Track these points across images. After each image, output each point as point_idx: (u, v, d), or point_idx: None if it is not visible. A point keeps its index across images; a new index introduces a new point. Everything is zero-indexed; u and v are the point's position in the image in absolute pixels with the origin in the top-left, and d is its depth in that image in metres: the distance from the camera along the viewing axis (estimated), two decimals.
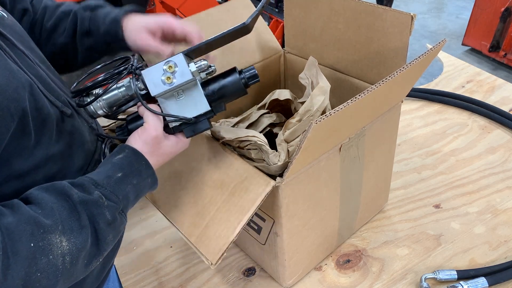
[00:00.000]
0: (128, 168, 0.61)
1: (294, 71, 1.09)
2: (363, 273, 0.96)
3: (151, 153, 0.64)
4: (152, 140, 0.64)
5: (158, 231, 1.11)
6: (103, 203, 0.56)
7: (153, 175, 0.65)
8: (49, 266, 0.50)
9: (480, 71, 1.59)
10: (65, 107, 0.63)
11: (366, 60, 0.91)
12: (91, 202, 0.55)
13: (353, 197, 0.94)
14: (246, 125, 0.94)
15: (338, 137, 0.77)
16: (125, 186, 0.60)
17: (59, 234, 0.51)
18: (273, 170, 0.75)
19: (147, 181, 0.63)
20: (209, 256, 0.71)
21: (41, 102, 0.58)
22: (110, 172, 0.60)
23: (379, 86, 0.66)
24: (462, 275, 0.91)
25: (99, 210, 0.56)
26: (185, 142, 0.70)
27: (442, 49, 0.80)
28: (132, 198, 0.62)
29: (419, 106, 1.46)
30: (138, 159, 0.62)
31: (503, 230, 1.02)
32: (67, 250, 0.52)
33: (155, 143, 0.64)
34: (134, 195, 0.62)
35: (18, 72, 0.55)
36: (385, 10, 0.82)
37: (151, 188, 0.66)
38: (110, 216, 0.57)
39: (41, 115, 0.57)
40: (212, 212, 0.74)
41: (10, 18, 0.65)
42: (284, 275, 0.91)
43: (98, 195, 0.57)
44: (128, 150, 0.63)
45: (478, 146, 1.27)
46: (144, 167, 0.63)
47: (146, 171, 0.63)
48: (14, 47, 0.59)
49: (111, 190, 0.58)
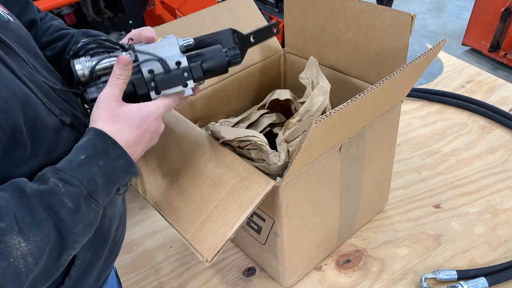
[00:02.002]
0: (92, 149, 0.56)
1: (294, 71, 1.09)
2: (363, 273, 0.96)
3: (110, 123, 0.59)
4: (103, 103, 0.59)
5: (158, 231, 1.11)
6: (59, 191, 0.52)
7: (125, 155, 0.58)
8: (10, 269, 0.47)
9: (480, 71, 1.59)
10: (64, 115, 0.61)
11: (366, 60, 0.91)
12: (46, 192, 0.51)
13: (353, 197, 0.94)
14: (246, 125, 0.94)
15: (338, 137, 0.77)
16: (89, 168, 0.55)
17: (16, 234, 0.48)
18: (273, 170, 0.75)
19: (118, 162, 0.58)
20: (205, 252, 0.70)
21: (38, 111, 0.56)
22: (73, 156, 0.56)
23: (379, 86, 0.66)
24: (462, 275, 0.91)
25: (56, 199, 0.51)
26: (151, 108, 0.61)
27: (442, 49, 0.80)
28: (101, 181, 0.56)
29: (419, 106, 1.46)
30: (103, 139, 0.57)
31: (503, 230, 1.02)
32: (27, 251, 0.48)
33: (107, 106, 0.59)
34: (103, 177, 0.56)
35: (11, 82, 0.53)
36: (385, 10, 0.82)
37: (127, 171, 0.59)
38: (72, 203, 0.52)
39: (37, 126, 0.55)
40: (209, 209, 0.74)
41: (16, 23, 0.64)
42: (284, 275, 0.91)
43: (53, 182, 0.52)
44: (92, 131, 0.58)
45: (478, 146, 1.27)
46: (111, 147, 0.57)
47: (114, 151, 0.57)
48: (14, 54, 0.58)
49: (72, 174, 0.53)
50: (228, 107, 1.04)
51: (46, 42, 0.77)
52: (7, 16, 0.63)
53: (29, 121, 0.54)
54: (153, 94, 0.63)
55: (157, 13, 2.63)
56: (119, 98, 0.61)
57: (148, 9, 2.64)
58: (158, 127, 0.63)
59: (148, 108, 0.61)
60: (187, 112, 0.93)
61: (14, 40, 0.59)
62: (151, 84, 0.63)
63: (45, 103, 0.58)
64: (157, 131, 0.63)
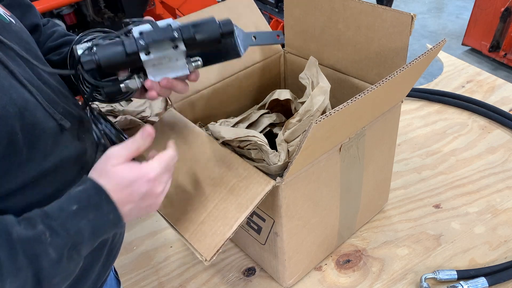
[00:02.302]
0: (85, 202, 0.55)
1: (294, 71, 1.09)
2: (363, 273, 0.96)
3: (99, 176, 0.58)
4: (106, 157, 0.59)
5: (158, 231, 1.11)
6: (45, 240, 0.51)
7: (115, 210, 0.57)
8: None
9: (480, 71, 1.59)
10: (64, 119, 0.60)
11: (366, 60, 0.91)
12: (32, 240, 0.50)
13: (353, 197, 0.94)
14: (246, 125, 0.94)
15: (338, 137, 0.77)
16: (79, 220, 0.54)
17: None
18: (273, 170, 0.75)
19: (107, 217, 0.57)
20: (204, 252, 0.70)
21: (37, 116, 0.55)
22: (65, 204, 0.55)
23: (379, 86, 0.66)
24: (462, 275, 0.91)
25: (41, 248, 0.50)
26: (144, 169, 0.59)
27: (442, 49, 0.80)
28: (87, 234, 0.55)
29: (419, 106, 1.46)
30: (98, 193, 0.56)
31: (503, 230, 1.02)
32: None
33: (106, 161, 0.59)
34: (90, 231, 0.55)
35: (10, 88, 0.53)
36: (385, 10, 0.82)
37: (114, 226, 0.59)
38: (55, 254, 0.51)
39: (35, 131, 0.55)
40: (209, 209, 0.74)
41: (18, 25, 0.64)
42: (284, 275, 0.91)
43: (41, 230, 0.51)
44: (89, 182, 0.57)
45: (478, 146, 1.27)
46: (104, 202, 0.56)
47: (107, 206, 0.57)
48: (15, 56, 0.57)
49: (61, 224, 0.53)
50: (228, 107, 1.03)
51: (51, 47, 0.77)
52: (9, 18, 0.62)
53: (27, 127, 0.53)
54: (143, 55, 0.62)
55: (157, 13, 2.63)
56: (121, 159, 0.59)
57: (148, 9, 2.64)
58: (151, 189, 0.60)
59: (140, 170, 0.59)
60: (187, 112, 0.93)
61: (16, 42, 0.59)
62: (139, 42, 0.61)
63: (45, 107, 0.57)
64: (151, 193, 0.60)
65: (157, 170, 0.60)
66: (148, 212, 0.63)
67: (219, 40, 0.65)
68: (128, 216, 0.60)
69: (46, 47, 0.77)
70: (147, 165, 0.60)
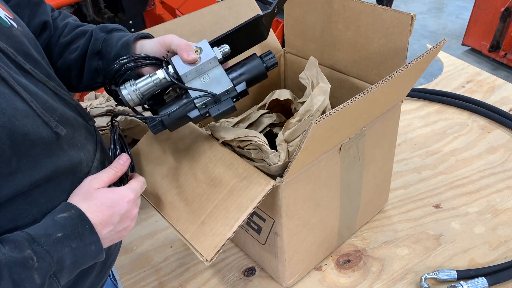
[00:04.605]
0: (70, 230, 0.56)
1: (294, 71, 1.09)
2: (363, 273, 0.96)
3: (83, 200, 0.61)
4: (86, 182, 0.63)
5: (158, 231, 1.11)
6: (32, 265, 0.51)
7: (97, 241, 0.59)
8: None
9: (480, 71, 1.59)
10: (59, 126, 0.59)
11: (366, 60, 0.91)
12: (19, 264, 0.50)
13: (353, 197, 0.94)
14: (246, 125, 0.94)
15: (338, 137, 0.77)
16: (62, 247, 0.55)
17: None
18: (273, 170, 0.75)
19: (89, 248, 0.58)
20: (204, 252, 0.70)
21: (29, 126, 0.54)
22: (51, 229, 0.55)
23: (379, 86, 0.66)
24: (462, 275, 0.91)
25: (27, 273, 0.50)
26: (124, 191, 0.64)
27: (442, 49, 0.80)
28: (68, 263, 0.56)
29: (419, 106, 1.46)
30: (82, 222, 0.58)
31: (503, 230, 1.02)
32: None
33: (88, 184, 0.62)
34: (72, 260, 0.56)
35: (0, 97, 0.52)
36: (385, 10, 0.82)
37: (95, 257, 0.60)
38: (39, 280, 0.51)
39: (26, 141, 0.54)
40: (209, 209, 0.74)
41: (19, 29, 0.62)
42: (284, 275, 0.91)
43: (29, 255, 0.51)
44: (74, 210, 0.58)
45: (478, 146, 1.27)
46: (87, 232, 0.58)
47: (89, 236, 0.58)
48: (10, 63, 0.56)
49: (47, 250, 0.53)
50: None
51: (65, 43, 0.76)
52: (11, 21, 0.61)
53: (17, 137, 0.53)
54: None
55: (157, 13, 2.63)
56: (102, 183, 0.63)
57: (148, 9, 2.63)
58: (129, 210, 0.64)
59: (120, 191, 0.63)
60: None
61: (13, 48, 0.58)
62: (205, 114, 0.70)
63: (40, 114, 0.57)
64: (128, 214, 0.64)
65: (136, 191, 0.66)
66: (120, 238, 0.66)
67: (266, 76, 0.74)
68: (105, 240, 0.62)
69: (59, 44, 0.76)
70: (126, 187, 0.65)
